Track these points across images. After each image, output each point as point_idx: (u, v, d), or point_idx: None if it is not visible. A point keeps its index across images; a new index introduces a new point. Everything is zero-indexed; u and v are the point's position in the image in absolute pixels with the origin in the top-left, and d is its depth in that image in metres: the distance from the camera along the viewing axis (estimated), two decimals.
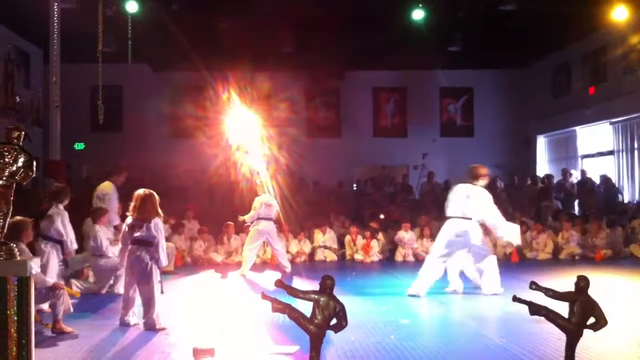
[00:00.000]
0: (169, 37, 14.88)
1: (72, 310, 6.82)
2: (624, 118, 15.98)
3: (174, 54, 16.33)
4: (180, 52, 16.17)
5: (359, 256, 13.57)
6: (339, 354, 5.71)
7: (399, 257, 13.75)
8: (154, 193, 7.01)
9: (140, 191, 7.02)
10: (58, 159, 12.45)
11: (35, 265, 6.32)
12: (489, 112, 20.72)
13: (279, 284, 4.78)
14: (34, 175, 4.27)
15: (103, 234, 9.32)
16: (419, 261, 13.49)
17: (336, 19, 15.44)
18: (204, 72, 19.48)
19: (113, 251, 9.11)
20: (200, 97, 20.46)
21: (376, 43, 16.54)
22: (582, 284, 4.70)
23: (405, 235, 13.90)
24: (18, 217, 6.64)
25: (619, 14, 13.91)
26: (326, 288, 4.64)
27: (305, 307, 4.62)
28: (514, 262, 12.99)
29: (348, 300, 5.99)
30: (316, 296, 4.62)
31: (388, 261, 13.62)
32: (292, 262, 12.43)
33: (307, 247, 13.76)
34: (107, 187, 10.16)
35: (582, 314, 4.61)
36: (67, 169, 13.44)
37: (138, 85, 19.24)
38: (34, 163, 4.10)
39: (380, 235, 14.04)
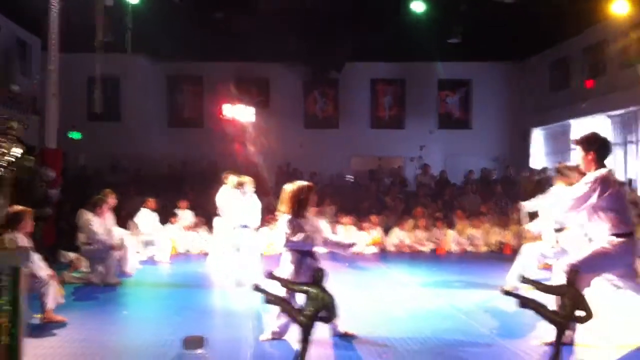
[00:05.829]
0: (167, 27, 14.84)
1: (62, 301, 6.84)
2: (621, 112, 15.97)
3: (172, 44, 16.30)
4: (179, 42, 16.17)
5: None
6: (331, 346, 5.76)
7: (391, 247, 13.88)
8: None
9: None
10: (54, 148, 12.45)
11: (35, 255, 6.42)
12: (486, 105, 20.71)
13: (271, 275, 4.82)
14: (30, 166, 4.30)
15: (98, 222, 9.32)
16: (412, 252, 13.63)
17: (336, 10, 15.42)
18: (202, 62, 19.51)
19: (104, 241, 9.12)
20: (199, 87, 20.50)
21: (376, 35, 16.52)
22: (572, 277, 4.74)
23: (400, 234, 14.02)
24: (18, 207, 6.66)
25: (619, 8, 13.87)
26: (317, 280, 4.69)
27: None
28: (506, 254, 13.03)
29: (340, 292, 6.05)
30: (307, 288, 4.66)
31: (382, 252, 13.66)
32: None
33: None
34: None
35: (571, 307, 4.64)
36: (63, 157, 13.42)
37: (136, 75, 19.21)
38: (30, 154, 4.14)
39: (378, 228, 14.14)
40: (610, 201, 5.42)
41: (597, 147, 5.63)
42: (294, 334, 5.32)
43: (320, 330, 5.64)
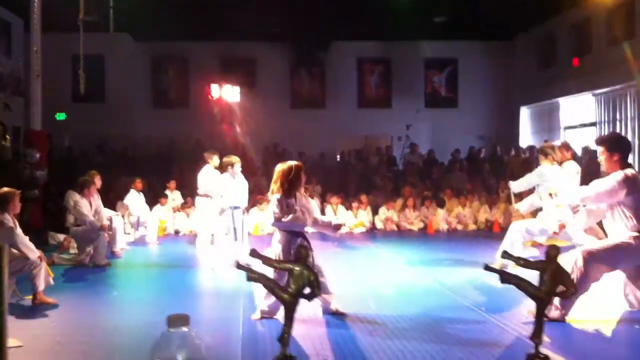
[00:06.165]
0: (151, 6, 14.70)
1: (52, 283, 6.83)
2: (607, 90, 16.04)
3: (157, 24, 16.15)
4: (163, 22, 16.02)
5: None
6: (322, 324, 5.79)
7: (379, 224, 13.96)
8: None
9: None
10: (39, 129, 12.37)
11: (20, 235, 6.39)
12: (473, 84, 20.72)
13: (254, 253, 4.82)
14: (8, 145, 4.27)
15: (86, 203, 9.29)
16: (401, 231, 13.72)
17: None
18: (187, 42, 19.35)
19: (92, 222, 9.11)
20: (184, 67, 20.35)
21: (362, 13, 16.45)
22: (553, 252, 4.78)
23: (389, 213, 14.10)
24: (5, 189, 6.63)
25: None
26: (301, 258, 4.69)
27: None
28: (495, 232, 13.15)
29: (330, 272, 6.08)
30: (290, 266, 4.66)
31: (371, 231, 13.74)
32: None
33: None
34: None
35: (552, 283, 4.69)
36: (48, 139, 13.34)
37: (120, 55, 19.03)
38: (8, 134, 4.11)
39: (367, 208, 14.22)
40: (636, 200, 5.56)
41: (622, 148, 5.73)
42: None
43: (312, 309, 5.69)
